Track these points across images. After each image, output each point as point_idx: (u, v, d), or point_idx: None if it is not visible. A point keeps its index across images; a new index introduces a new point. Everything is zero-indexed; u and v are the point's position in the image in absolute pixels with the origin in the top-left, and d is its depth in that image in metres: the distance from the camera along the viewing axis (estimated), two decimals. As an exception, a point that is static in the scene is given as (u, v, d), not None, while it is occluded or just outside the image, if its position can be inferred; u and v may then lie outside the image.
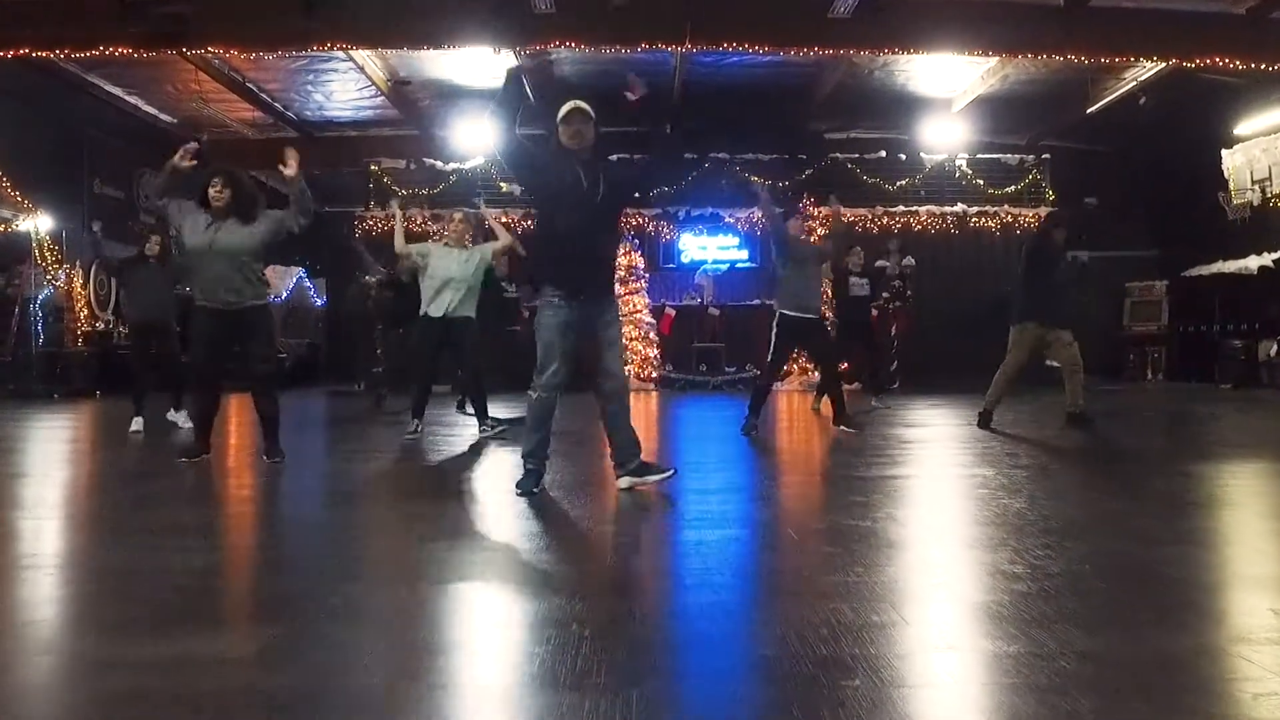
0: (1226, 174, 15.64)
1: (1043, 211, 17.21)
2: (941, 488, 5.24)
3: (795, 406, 12.11)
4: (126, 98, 16.27)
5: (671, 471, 4.82)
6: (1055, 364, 8.03)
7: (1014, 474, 5.43)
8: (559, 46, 12.76)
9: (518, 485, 4.63)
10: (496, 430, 7.52)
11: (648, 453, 5.09)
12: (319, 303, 21.12)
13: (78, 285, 15.09)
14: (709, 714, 2.03)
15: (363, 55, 14.16)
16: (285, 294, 20.28)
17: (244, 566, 3.56)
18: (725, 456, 6.79)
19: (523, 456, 4.69)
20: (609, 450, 4.86)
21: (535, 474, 4.66)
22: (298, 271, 20.98)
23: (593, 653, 2.32)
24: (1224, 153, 15.62)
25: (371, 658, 2.37)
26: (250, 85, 15.69)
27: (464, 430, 8.10)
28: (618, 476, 4.78)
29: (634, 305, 16.03)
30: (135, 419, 8.17)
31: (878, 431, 8.08)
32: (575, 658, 2.29)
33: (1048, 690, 2.08)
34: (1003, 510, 4.25)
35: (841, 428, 7.78)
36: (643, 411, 11.02)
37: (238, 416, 9.59)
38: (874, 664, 2.25)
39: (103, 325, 15.66)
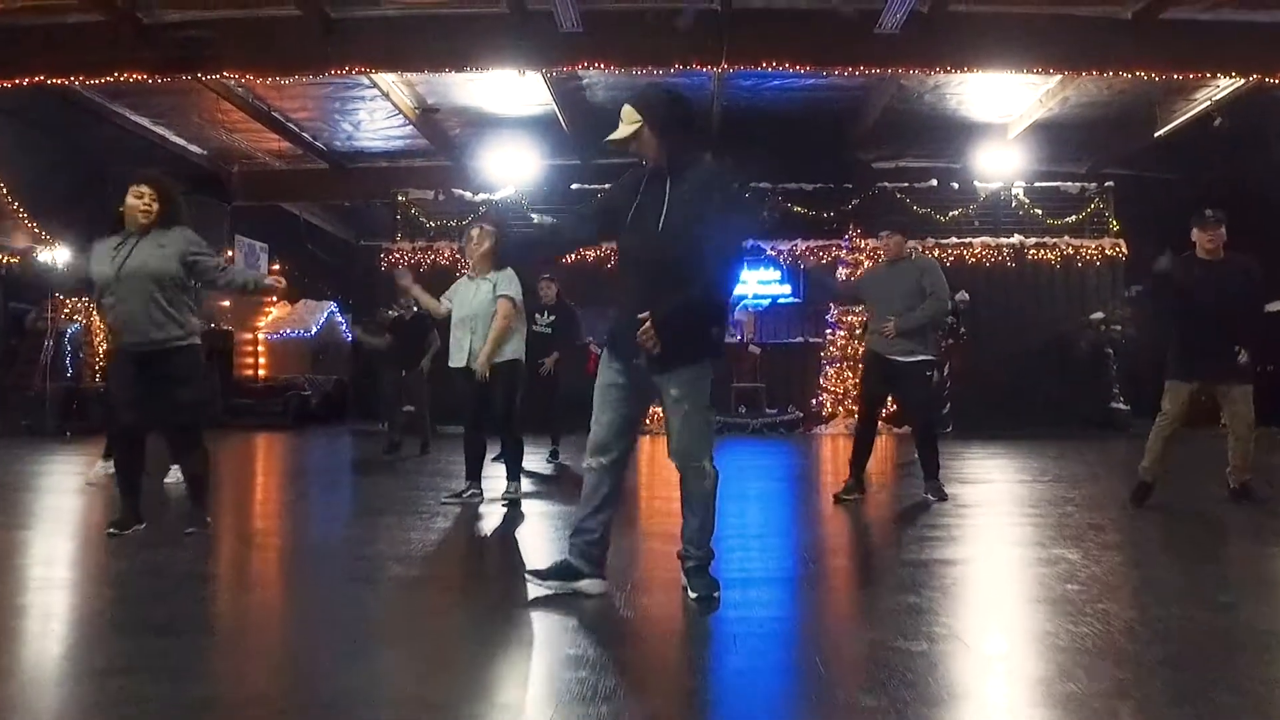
0: (1311, 200, 14.53)
1: (1106, 243, 16.20)
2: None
3: (841, 457, 11.14)
4: (153, 128, 15.96)
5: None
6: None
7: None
8: (588, 68, 12.11)
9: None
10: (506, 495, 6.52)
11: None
12: (349, 338, 20.70)
13: (96, 320, 14.70)
14: None
15: (388, 82, 13.67)
16: (315, 329, 19.90)
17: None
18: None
19: None
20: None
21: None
22: (329, 306, 20.61)
23: None
24: (1308, 178, 14.54)
25: None
26: (276, 114, 15.29)
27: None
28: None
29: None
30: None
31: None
32: None
33: None
34: None
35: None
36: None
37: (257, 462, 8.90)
38: None
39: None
